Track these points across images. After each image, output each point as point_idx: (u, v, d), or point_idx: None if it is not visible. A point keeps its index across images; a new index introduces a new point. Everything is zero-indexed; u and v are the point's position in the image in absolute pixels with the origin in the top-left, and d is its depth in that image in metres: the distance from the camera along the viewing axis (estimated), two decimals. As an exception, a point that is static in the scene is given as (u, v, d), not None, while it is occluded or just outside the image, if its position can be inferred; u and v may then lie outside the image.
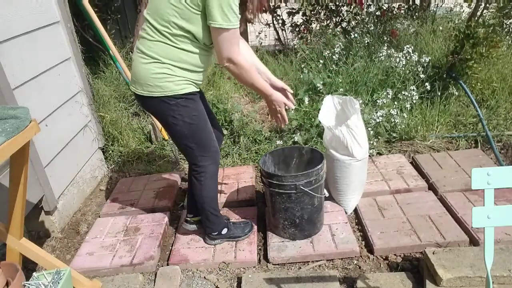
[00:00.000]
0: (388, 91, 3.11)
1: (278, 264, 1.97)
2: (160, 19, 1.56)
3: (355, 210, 2.29)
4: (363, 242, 2.07)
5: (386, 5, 4.37)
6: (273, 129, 3.27)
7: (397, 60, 3.31)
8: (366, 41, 3.71)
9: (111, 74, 3.76)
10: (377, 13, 4.36)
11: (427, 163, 2.61)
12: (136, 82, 1.68)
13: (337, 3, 4.21)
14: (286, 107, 1.85)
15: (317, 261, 1.96)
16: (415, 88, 3.12)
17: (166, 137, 3.20)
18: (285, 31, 4.66)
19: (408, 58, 3.32)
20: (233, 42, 1.56)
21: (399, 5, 4.44)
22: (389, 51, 3.42)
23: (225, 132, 3.25)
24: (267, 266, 1.96)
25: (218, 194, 2.43)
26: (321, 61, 3.55)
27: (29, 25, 2.19)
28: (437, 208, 2.18)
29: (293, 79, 3.48)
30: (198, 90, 1.77)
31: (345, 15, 4.36)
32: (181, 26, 1.55)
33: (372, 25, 4.01)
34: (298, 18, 4.45)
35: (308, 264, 1.96)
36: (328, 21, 4.37)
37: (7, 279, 1.44)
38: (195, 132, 1.75)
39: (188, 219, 2.15)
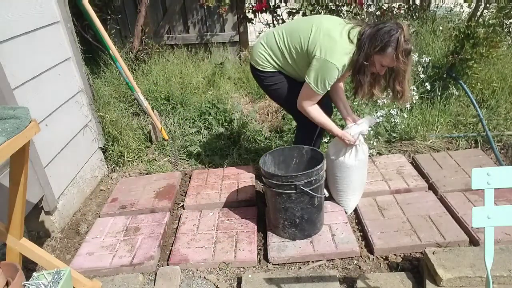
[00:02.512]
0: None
1: (278, 264, 1.97)
2: (290, 37, 2.11)
3: (355, 210, 2.29)
4: (363, 242, 2.07)
5: (386, 5, 4.37)
6: (273, 129, 3.27)
7: (397, 60, 3.30)
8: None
9: (111, 74, 3.76)
10: (377, 13, 4.36)
11: (427, 163, 2.61)
12: (251, 57, 2.33)
13: (337, 3, 4.21)
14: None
15: (317, 261, 1.96)
16: (415, 88, 3.12)
17: (166, 137, 3.20)
18: (285, 31, 4.65)
19: (408, 58, 3.31)
20: (310, 97, 2.08)
21: (399, 5, 4.44)
22: (389, 51, 3.41)
23: (225, 132, 3.25)
24: (267, 266, 1.96)
25: (218, 195, 2.49)
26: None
27: (29, 25, 2.19)
28: (437, 208, 2.18)
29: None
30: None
31: (345, 15, 4.35)
32: (291, 50, 2.12)
33: (372, 25, 4.01)
34: (298, 18, 4.44)
35: (308, 264, 1.96)
36: (328, 21, 4.36)
37: (7, 279, 1.44)
38: (285, 95, 2.26)
39: None
